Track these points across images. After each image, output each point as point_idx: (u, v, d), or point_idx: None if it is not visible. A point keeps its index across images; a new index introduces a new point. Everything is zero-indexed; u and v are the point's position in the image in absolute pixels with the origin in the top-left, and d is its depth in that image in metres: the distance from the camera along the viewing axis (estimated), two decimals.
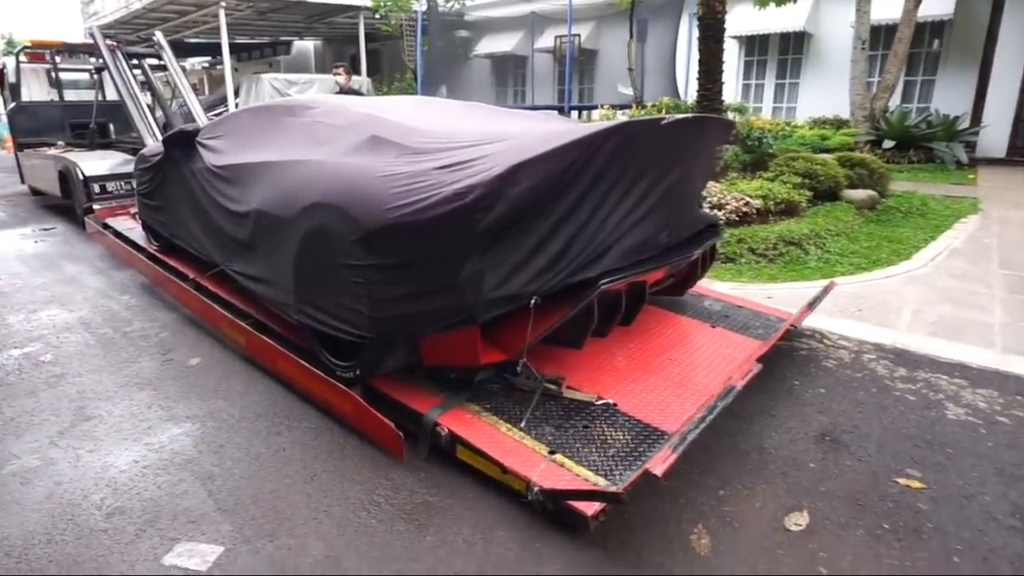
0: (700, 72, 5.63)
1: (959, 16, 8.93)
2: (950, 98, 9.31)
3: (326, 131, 2.83)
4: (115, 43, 6.71)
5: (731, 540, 1.81)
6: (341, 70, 8.58)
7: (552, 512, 1.84)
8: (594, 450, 2.03)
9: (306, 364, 2.50)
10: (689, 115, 2.35)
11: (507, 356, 2.17)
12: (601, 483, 1.86)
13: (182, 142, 3.72)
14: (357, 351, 2.36)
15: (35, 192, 8.48)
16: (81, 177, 5.82)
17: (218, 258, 3.36)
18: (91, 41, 8.44)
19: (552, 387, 2.34)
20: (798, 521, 1.89)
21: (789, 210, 4.80)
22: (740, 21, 10.72)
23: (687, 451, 2.20)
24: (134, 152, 6.68)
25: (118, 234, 4.94)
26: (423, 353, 2.25)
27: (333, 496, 1.99)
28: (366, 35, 13.48)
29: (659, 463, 1.60)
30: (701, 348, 2.84)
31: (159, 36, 7.06)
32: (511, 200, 1.94)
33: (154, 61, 7.07)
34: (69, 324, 3.63)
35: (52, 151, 7.16)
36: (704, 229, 2.89)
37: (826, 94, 10.25)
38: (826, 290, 3.21)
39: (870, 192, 5.39)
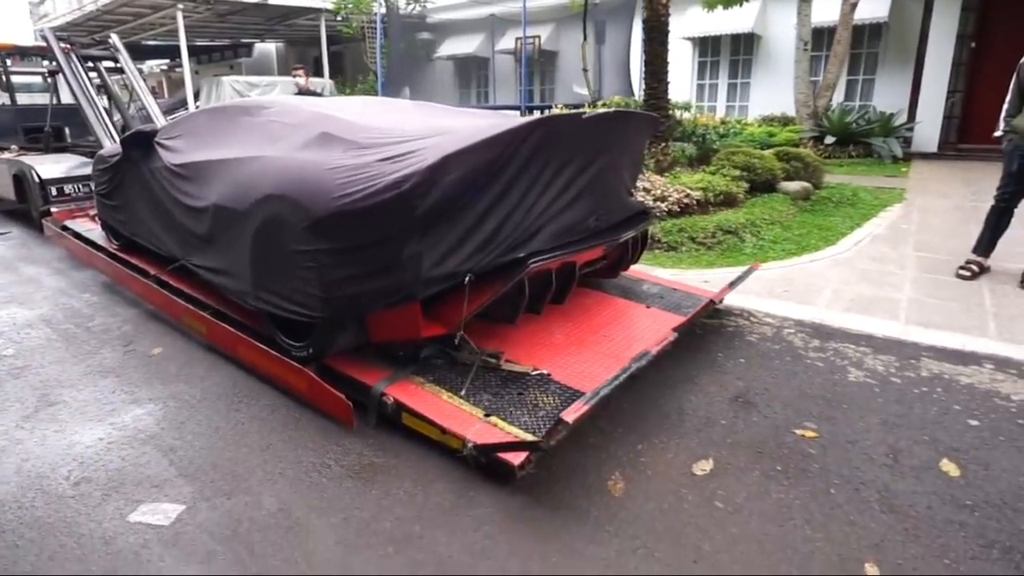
0: (646, 72, 5.92)
1: (894, 19, 9.49)
2: (889, 96, 9.87)
3: (280, 129, 3.00)
4: (69, 45, 6.69)
5: (643, 484, 2.05)
6: (301, 71, 8.74)
7: (485, 465, 2.06)
8: (525, 412, 2.25)
9: (263, 347, 2.67)
10: (610, 110, 2.60)
11: (446, 330, 2.38)
12: (527, 438, 2.08)
13: (140, 142, 3.82)
14: (310, 331, 2.54)
15: None
16: (38, 180, 5.80)
17: (178, 253, 3.49)
18: (43, 43, 8.35)
19: (491, 360, 2.55)
20: (703, 467, 2.14)
21: (728, 201, 5.13)
22: (693, 23, 11.16)
23: (615, 412, 2.46)
24: (91, 155, 6.67)
25: (78, 235, 4.98)
26: (371, 330, 2.45)
27: (287, 461, 2.17)
28: (329, 37, 13.53)
29: (571, 413, 1.83)
30: (634, 325, 3.09)
31: (115, 38, 7.06)
32: (444, 188, 2.15)
33: (110, 64, 7.05)
34: (30, 321, 3.70)
35: (6, 155, 7.08)
36: (635, 215, 3.15)
37: (775, 93, 10.74)
38: (748, 271, 3.50)
39: (804, 184, 5.77)
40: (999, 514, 1.89)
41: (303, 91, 8.86)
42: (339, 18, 12.52)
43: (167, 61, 17.94)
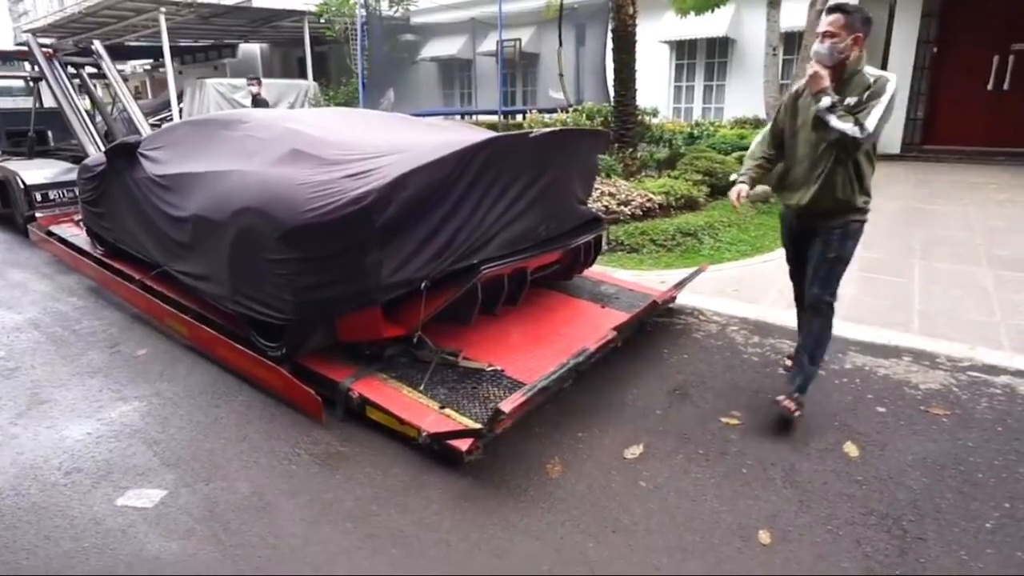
0: (616, 80, 6.18)
1: None
2: None
3: (254, 144, 3.22)
4: (52, 51, 6.82)
5: (578, 467, 2.31)
6: (255, 83, 9.04)
7: (438, 452, 2.30)
8: (477, 404, 2.50)
9: (240, 347, 2.89)
10: (557, 128, 2.85)
11: (405, 331, 2.62)
12: (473, 426, 2.33)
13: (124, 153, 4.02)
14: (283, 333, 2.77)
15: None
16: (22, 186, 5.95)
17: (161, 259, 3.69)
18: (25, 48, 8.43)
19: (449, 357, 2.80)
20: (634, 452, 2.40)
21: (690, 205, 5.40)
22: (670, 27, 11.41)
23: (563, 404, 2.71)
24: (75, 160, 6.82)
25: (63, 240, 5.15)
26: (339, 331, 2.68)
27: (262, 451, 2.40)
28: (313, 39, 13.64)
29: (509, 403, 2.08)
30: (587, 324, 3.35)
31: (98, 45, 7.19)
32: (401, 202, 2.40)
33: (93, 69, 7.18)
34: (18, 325, 3.89)
35: None
36: (588, 222, 3.41)
37: (748, 95, 11.02)
38: (696, 273, 3.77)
39: (764, 187, 6.05)
40: (883, 487, 2.17)
41: (256, 99, 9.13)
42: (323, 20, 12.65)
43: (150, 61, 17.91)
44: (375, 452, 2.40)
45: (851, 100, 2.23)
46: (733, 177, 2.77)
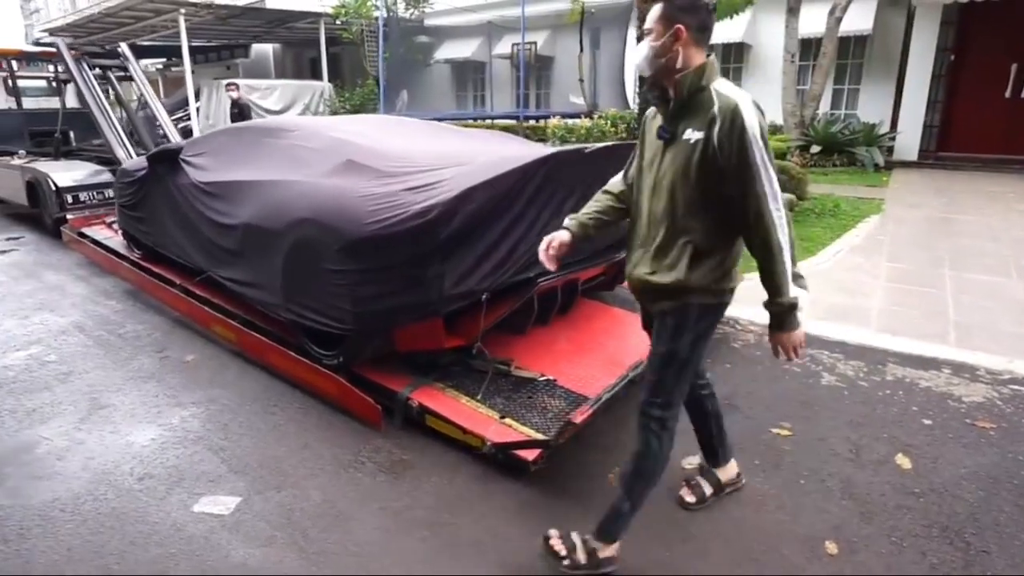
0: (638, 87, 6.22)
1: (877, 32, 9.85)
2: (873, 106, 10.25)
3: (305, 154, 3.28)
4: (79, 52, 6.88)
5: None
6: (233, 88, 9.15)
7: (502, 461, 2.35)
8: (536, 414, 2.55)
9: (296, 355, 2.94)
10: (607, 144, 2.90)
11: (465, 342, 2.67)
12: (539, 437, 2.38)
13: (166, 159, 4.08)
14: (340, 342, 2.82)
15: None
16: (54, 188, 6.01)
17: (204, 265, 3.75)
18: (48, 48, 8.50)
19: (503, 367, 2.85)
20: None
21: None
22: None
23: (613, 414, 2.76)
24: (100, 161, 6.90)
25: (97, 243, 5.21)
26: (396, 341, 2.73)
27: (325, 459, 2.45)
28: (327, 40, 13.71)
29: (579, 415, 2.13)
30: (629, 333, 3.39)
31: (124, 47, 7.26)
32: (465, 216, 2.45)
33: (120, 71, 7.24)
34: (63, 328, 3.94)
35: (16, 161, 7.26)
36: None
37: (764, 101, 10.89)
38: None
39: (788, 196, 6.09)
40: (940, 500, 2.21)
41: (236, 103, 9.18)
42: (338, 22, 12.71)
43: (163, 60, 17.99)
44: (436, 460, 2.45)
45: (693, 134, 1.57)
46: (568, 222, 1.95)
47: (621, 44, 10.61)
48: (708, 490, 2.20)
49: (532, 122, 11.36)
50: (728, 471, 2.26)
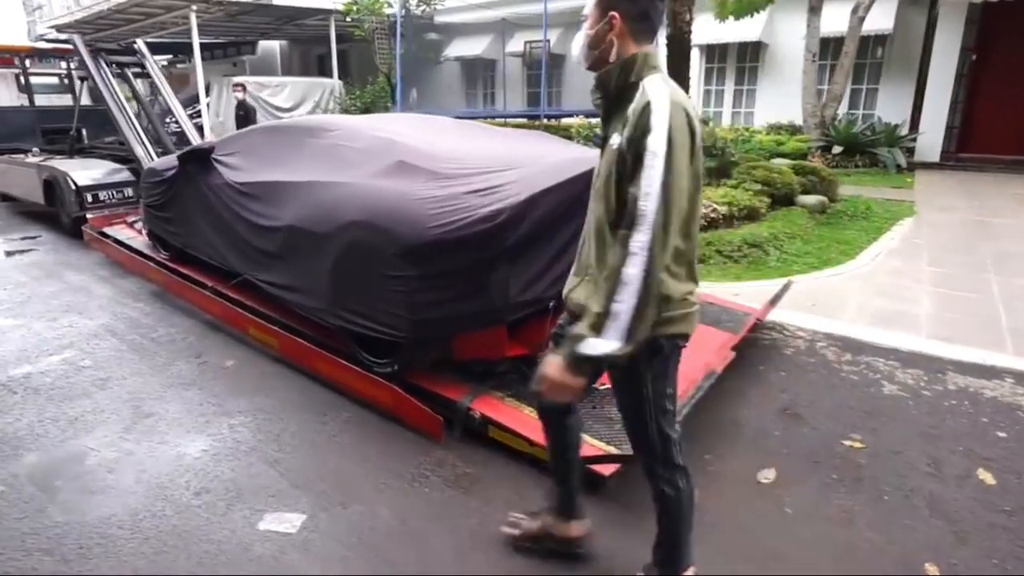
0: None
1: (898, 31, 9.76)
2: (892, 106, 10.16)
3: (350, 154, 3.18)
4: (95, 49, 6.77)
5: (716, 491, 2.26)
6: (239, 89, 9.16)
7: None
8: (602, 425, 2.46)
9: (347, 363, 2.85)
10: None
11: (528, 351, 2.58)
12: (613, 451, 2.29)
13: (197, 159, 3.98)
14: (394, 350, 2.73)
15: (3, 198, 8.35)
16: (74, 187, 5.91)
17: (240, 268, 3.65)
18: (61, 45, 8.38)
19: None
20: (767, 476, 2.36)
21: (751, 215, 5.36)
22: (702, 31, 11.35)
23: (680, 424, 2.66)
24: (115, 159, 6.80)
25: (121, 243, 5.11)
26: (455, 349, 2.64)
27: (388, 472, 2.36)
28: (337, 38, 13.58)
29: None
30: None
31: (141, 44, 7.15)
32: (533, 221, 2.35)
33: (137, 68, 7.13)
34: (95, 331, 3.84)
35: (31, 158, 7.15)
36: None
37: (780, 100, 10.98)
38: (785, 288, 3.73)
39: (821, 197, 6.02)
40: None
41: (242, 106, 9.16)
42: (348, 19, 12.59)
43: (168, 57, 17.84)
44: (502, 473, 2.35)
45: (616, 139, 1.35)
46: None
47: None
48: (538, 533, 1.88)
49: (546, 121, 11.25)
50: (576, 527, 1.87)
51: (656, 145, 1.25)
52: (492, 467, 2.39)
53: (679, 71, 6.13)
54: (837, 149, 8.75)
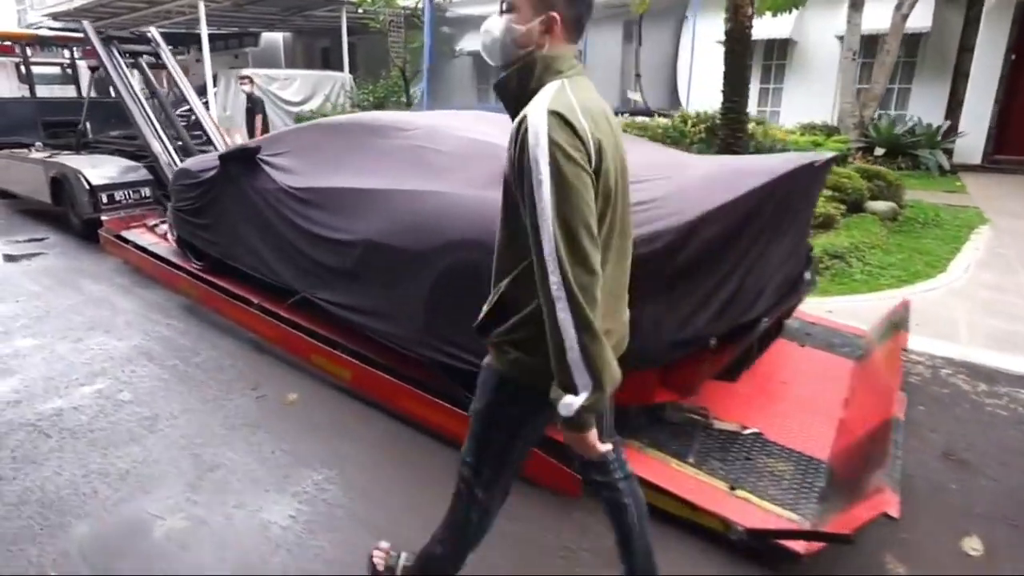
0: (726, 85, 5.76)
1: (935, 30, 9.47)
2: (925, 105, 9.88)
3: (438, 159, 2.75)
4: (106, 37, 6.26)
5: (924, 565, 1.89)
6: (246, 82, 8.74)
7: (754, 548, 1.88)
8: (768, 482, 2.08)
9: (447, 404, 2.43)
10: (823, 156, 2.43)
11: (680, 395, 2.19)
12: (793, 518, 1.91)
13: (241, 159, 3.54)
14: None
15: (2, 195, 7.80)
16: (87, 186, 5.40)
17: (296, 284, 3.22)
18: (66, 33, 7.85)
19: (698, 418, 2.37)
20: (974, 546, 1.99)
21: (826, 223, 5.01)
22: (718, 28, 11.01)
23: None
24: (123, 155, 6.31)
25: (144, 249, 4.65)
26: None
27: (529, 545, 1.96)
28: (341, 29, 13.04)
29: (891, 504, 1.65)
30: (803, 369, 2.94)
31: (154, 32, 6.65)
32: (698, 245, 1.96)
33: (151, 57, 6.61)
34: (128, 355, 3.39)
35: (36, 154, 6.63)
36: (808, 256, 2.99)
37: (809, 99, 10.68)
38: (906, 309, 3.35)
39: (891, 204, 5.68)
40: None
41: (250, 99, 8.68)
42: (361, 11, 12.09)
43: (169, 48, 17.18)
44: (663, 545, 1.96)
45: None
46: None
47: (672, 40, 10.09)
48: None
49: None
50: None
51: (537, 172, 1.10)
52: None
53: (739, 68, 5.77)
54: (879, 151, 8.43)
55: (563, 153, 1.09)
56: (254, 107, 8.74)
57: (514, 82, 1.24)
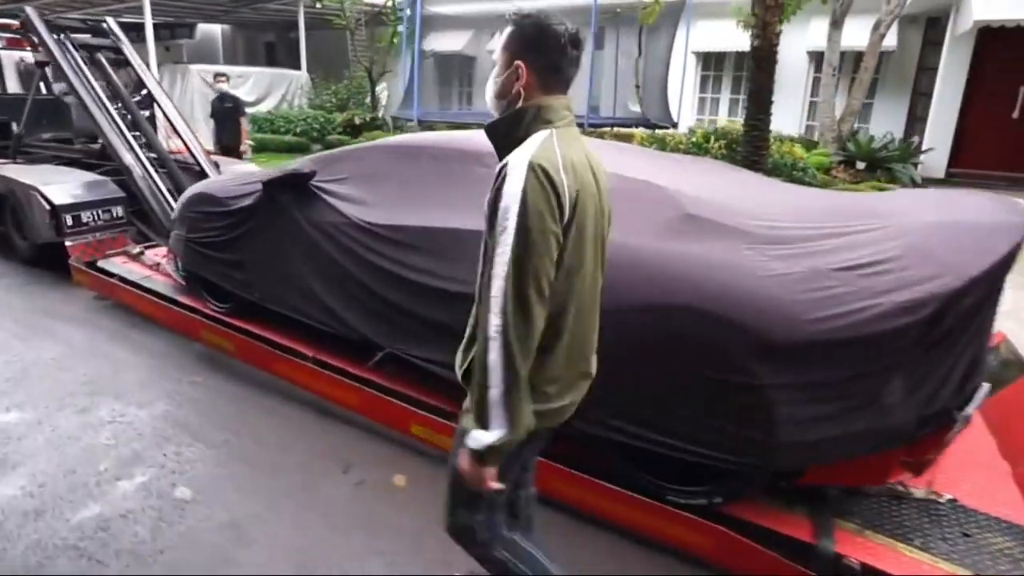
0: (750, 102, 5.72)
1: (897, 49, 10.00)
2: (885, 121, 10.43)
3: None
4: (54, 26, 5.31)
5: None
6: (223, 79, 8.01)
7: None
8: (1008, 566, 1.88)
9: (624, 491, 2.07)
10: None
11: (914, 474, 1.95)
12: None
13: (292, 185, 3.00)
14: (712, 477, 2.00)
15: None
16: (48, 206, 4.50)
17: (379, 339, 2.75)
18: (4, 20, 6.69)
19: (899, 487, 2.15)
20: None
21: None
22: (700, 37, 11.16)
23: None
24: (58, 161, 5.40)
25: (138, 286, 3.93)
26: (808, 472, 1.95)
27: None
28: (288, 25, 12.12)
29: None
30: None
31: (112, 23, 5.75)
32: (962, 310, 1.72)
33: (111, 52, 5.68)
34: (159, 429, 2.75)
35: None
36: None
37: (779, 112, 10.96)
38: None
39: None
40: None
41: (228, 98, 7.78)
42: (319, 6, 11.26)
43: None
44: None
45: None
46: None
47: (664, 52, 10.00)
48: None
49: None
50: None
51: (505, 218, 1.14)
52: None
53: (763, 84, 5.73)
54: (860, 164, 8.77)
55: (534, 208, 1.13)
56: (236, 107, 7.70)
57: (503, 128, 1.29)
